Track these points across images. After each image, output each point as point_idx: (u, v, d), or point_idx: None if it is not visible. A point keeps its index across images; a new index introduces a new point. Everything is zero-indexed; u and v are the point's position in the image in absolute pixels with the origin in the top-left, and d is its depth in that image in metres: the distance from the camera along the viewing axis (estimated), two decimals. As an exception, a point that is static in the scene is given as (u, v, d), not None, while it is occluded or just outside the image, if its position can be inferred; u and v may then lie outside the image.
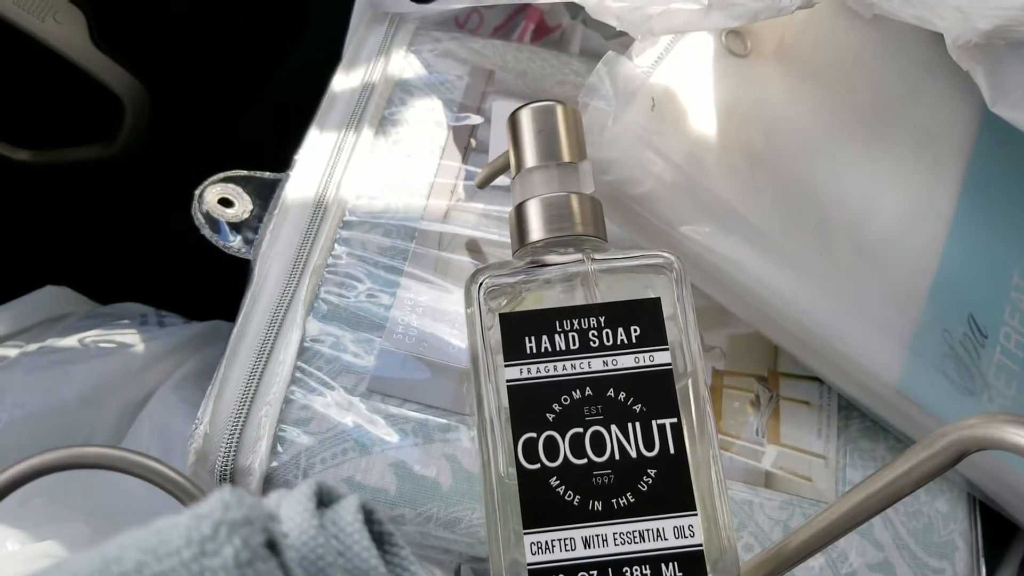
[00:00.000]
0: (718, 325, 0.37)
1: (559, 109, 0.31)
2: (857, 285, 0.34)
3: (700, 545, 0.26)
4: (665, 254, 0.29)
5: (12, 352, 0.45)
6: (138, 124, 0.62)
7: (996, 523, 0.36)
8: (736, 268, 0.33)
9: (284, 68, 0.60)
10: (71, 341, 0.45)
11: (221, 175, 0.40)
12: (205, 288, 0.57)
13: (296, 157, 0.40)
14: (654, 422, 0.27)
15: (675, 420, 0.27)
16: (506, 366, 0.27)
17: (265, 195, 0.40)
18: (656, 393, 0.27)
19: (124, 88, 0.59)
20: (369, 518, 0.15)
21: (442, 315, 0.36)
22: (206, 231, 0.39)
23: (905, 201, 0.37)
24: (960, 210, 0.38)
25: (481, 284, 0.29)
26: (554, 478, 0.26)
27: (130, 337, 0.47)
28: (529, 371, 0.27)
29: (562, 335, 0.28)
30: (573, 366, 0.27)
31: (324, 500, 0.16)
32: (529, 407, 0.27)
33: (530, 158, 0.31)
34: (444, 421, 0.34)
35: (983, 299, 0.36)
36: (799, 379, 0.36)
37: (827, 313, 0.34)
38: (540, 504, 0.26)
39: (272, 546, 0.13)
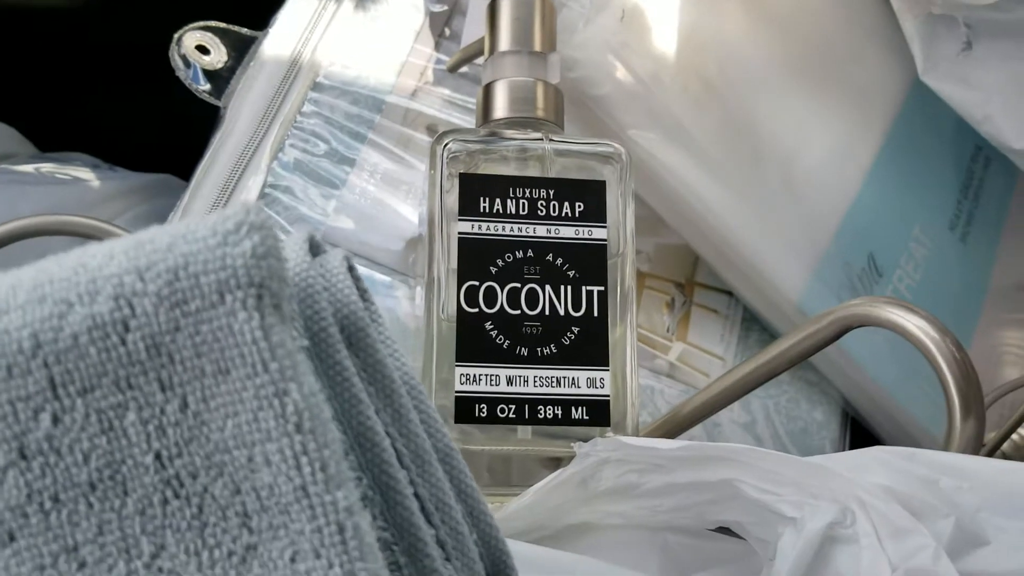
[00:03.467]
0: (648, 233, 0.40)
1: (537, 1, 0.34)
2: (778, 210, 0.38)
3: (608, 396, 0.29)
4: (615, 145, 0.32)
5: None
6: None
7: (865, 439, 0.40)
8: (674, 176, 0.36)
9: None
10: (27, 167, 0.46)
11: (201, 23, 0.41)
12: (154, 150, 0.58)
13: (275, 17, 0.41)
14: (584, 288, 0.30)
15: (602, 289, 0.30)
16: (460, 220, 0.30)
17: (240, 49, 0.41)
18: (590, 263, 0.30)
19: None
20: (351, 272, 0.18)
21: (397, 186, 0.39)
22: (180, 73, 0.40)
23: (831, 146, 0.40)
24: (878, 163, 0.42)
25: (446, 146, 0.31)
26: (489, 323, 0.29)
27: (84, 174, 0.48)
28: (480, 227, 0.30)
29: (514, 200, 0.30)
30: (520, 229, 0.30)
31: (314, 251, 0.18)
32: (475, 258, 0.30)
33: (504, 42, 0.33)
34: (388, 279, 0.37)
35: (884, 243, 0.40)
36: (712, 290, 0.40)
37: (748, 229, 0.37)
38: (474, 343, 0.29)
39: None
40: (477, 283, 0.30)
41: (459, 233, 0.30)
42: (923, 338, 0.23)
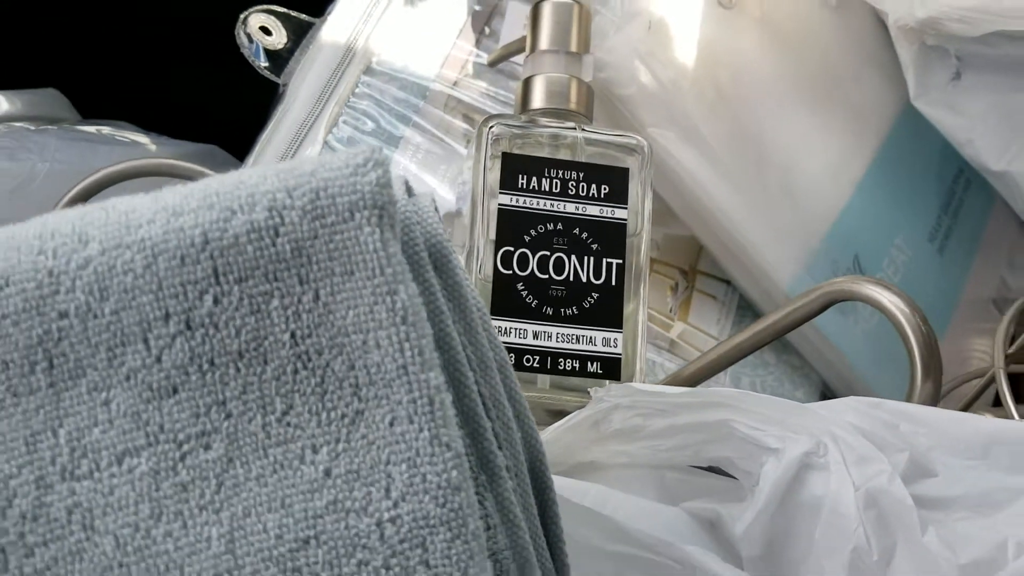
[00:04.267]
0: (659, 224, 0.44)
1: (576, 8, 0.38)
2: (776, 210, 0.42)
3: (620, 354, 0.34)
4: (639, 138, 0.36)
5: (33, 125, 0.50)
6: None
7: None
8: (686, 172, 0.41)
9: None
10: (90, 128, 0.50)
11: (264, 6, 0.45)
12: (197, 123, 0.62)
13: (332, 7, 0.46)
14: (604, 259, 0.34)
15: (620, 262, 0.35)
16: (501, 193, 0.34)
17: (299, 33, 0.46)
18: (610, 239, 0.35)
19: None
20: (436, 211, 0.22)
21: (436, 165, 0.43)
22: (245, 50, 0.44)
23: (828, 158, 0.45)
24: (868, 176, 0.46)
25: (491, 128, 0.35)
26: (520, 284, 0.34)
27: (140, 138, 0.52)
28: (517, 201, 0.34)
29: (548, 180, 0.35)
30: (552, 205, 0.35)
31: (408, 193, 0.22)
32: (512, 227, 0.34)
33: (544, 42, 0.38)
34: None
35: (869, 248, 0.45)
36: (712, 278, 0.44)
37: (749, 225, 0.41)
38: (506, 300, 0.33)
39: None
40: (512, 249, 0.34)
41: (499, 205, 0.34)
42: (895, 311, 0.28)
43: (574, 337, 0.33)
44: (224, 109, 0.59)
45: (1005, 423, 0.25)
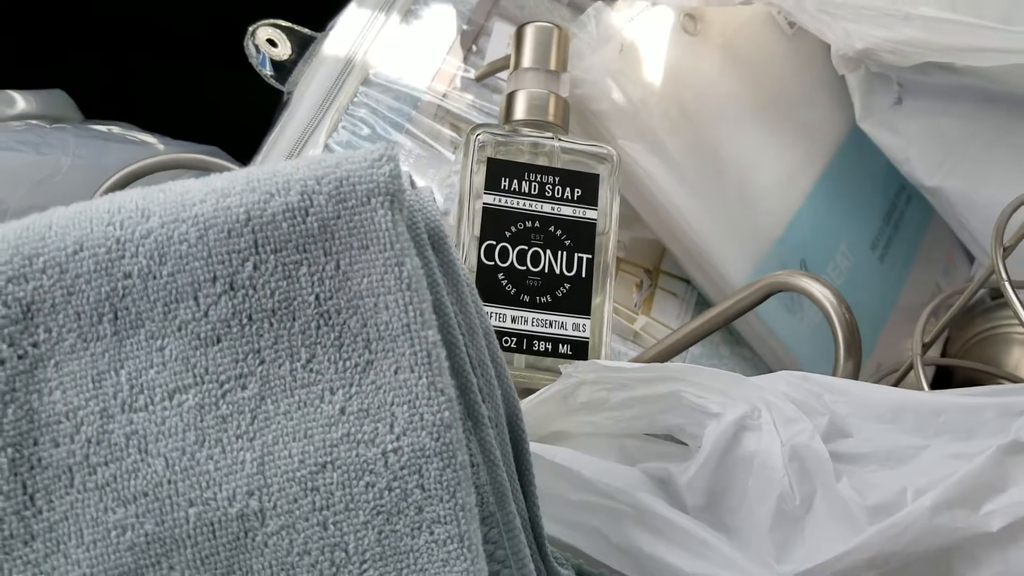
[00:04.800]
0: (626, 227, 0.49)
1: (555, 31, 0.42)
2: (732, 216, 0.47)
3: (587, 338, 0.38)
4: (609, 148, 0.41)
5: (47, 123, 0.53)
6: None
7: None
8: (651, 180, 0.45)
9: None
10: (102, 127, 0.54)
11: (271, 20, 0.49)
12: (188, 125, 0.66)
13: (333, 22, 0.50)
14: (576, 254, 0.39)
15: (590, 256, 0.39)
16: (485, 193, 0.39)
17: (303, 46, 0.50)
18: (582, 236, 0.39)
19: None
20: (434, 201, 0.26)
21: (426, 169, 0.47)
22: (252, 59, 0.48)
23: (780, 171, 0.50)
24: (817, 188, 0.51)
25: (478, 136, 0.40)
26: (501, 274, 0.38)
27: (148, 138, 0.55)
28: (500, 201, 0.39)
29: (527, 183, 0.39)
30: (531, 205, 0.39)
31: (412, 185, 0.27)
32: (495, 224, 0.38)
33: (527, 60, 0.42)
34: (413, 242, 0.45)
35: (816, 252, 0.50)
36: (674, 277, 0.49)
37: (707, 229, 0.46)
38: (488, 288, 0.38)
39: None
40: (494, 243, 0.38)
41: (484, 204, 0.38)
42: (823, 299, 0.32)
43: (547, 322, 0.38)
44: (223, 112, 0.63)
45: (911, 393, 0.29)
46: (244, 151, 0.51)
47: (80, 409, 0.22)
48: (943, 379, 0.53)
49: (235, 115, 0.57)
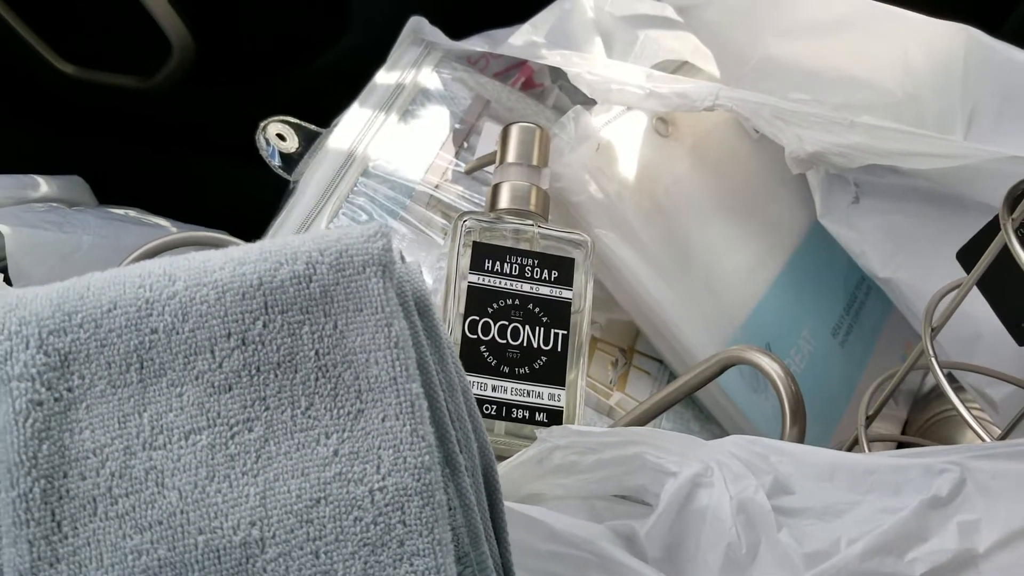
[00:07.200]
0: (603, 309, 0.52)
1: (538, 131, 0.47)
2: (700, 302, 0.51)
3: (562, 407, 0.41)
4: (584, 235, 0.45)
5: (67, 206, 0.57)
6: (180, 69, 0.74)
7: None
8: (625, 267, 0.49)
9: (319, 59, 0.75)
10: (118, 210, 0.58)
11: (280, 117, 0.54)
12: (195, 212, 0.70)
13: (338, 119, 0.55)
14: (552, 330, 0.42)
15: (565, 332, 0.43)
16: (470, 273, 0.43)
17: (309, 140, 0.54)
18: (558, 314, 0.43)
19: (175, 33, 0.72)
20: (420, 273, 0.30)
21: (417, 252, 0.51)
22: (263, 152, 0.53)
23: (746, 261, 0.54)
24: (780, 279, 0.55)
25: (464, 222, 0.44)
26: (483, 347, 0.41)
27: (162, 221, 0.60)
28: (484, 280, 0.43)
29: (509, 264, 0.43)
30: (511, 285, 0.43)
31: (401, 259, 0.30)
32: (478, 301, 0.42)
33: (511, 156, 0.47)
34: (405, 320, 0.49)
35: (779, 337, 0.53)
36: (647, 357, 0.52)
37: (677, 313, 0.50)
38: (472, 359, 0.41)
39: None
40: (477, 318, 0.42)
41: (469, 283, 0.42)
42: (772, 372, 0.36)
43: (526, 391, 0.41)
44: (227, 201, 0.68)
45: (846, 455, 0.33)
46: (249, 238, 0.55)
47: (106, 447, 0.26)
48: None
49: (238, 203, 0.62)
